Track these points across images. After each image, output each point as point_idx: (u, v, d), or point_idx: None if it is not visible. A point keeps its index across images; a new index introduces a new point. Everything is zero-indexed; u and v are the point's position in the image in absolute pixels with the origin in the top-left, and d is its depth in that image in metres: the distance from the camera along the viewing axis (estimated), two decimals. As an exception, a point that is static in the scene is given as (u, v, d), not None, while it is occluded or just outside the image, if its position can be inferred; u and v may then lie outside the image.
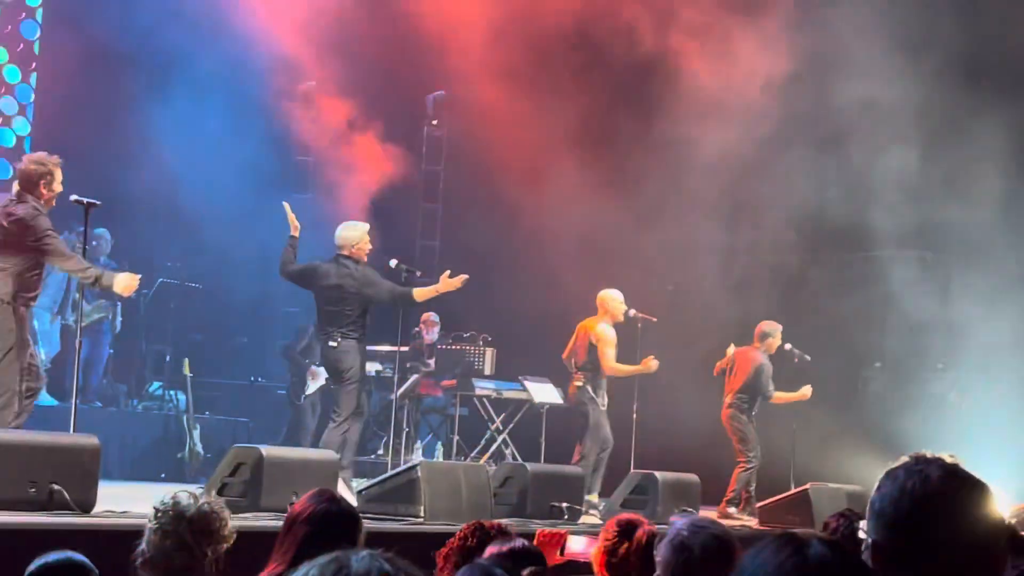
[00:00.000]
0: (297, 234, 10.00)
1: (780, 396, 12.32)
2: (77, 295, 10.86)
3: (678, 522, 3.96)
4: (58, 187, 8.18)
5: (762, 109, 13.15)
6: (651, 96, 13.72)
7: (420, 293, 10.13)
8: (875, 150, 13.20)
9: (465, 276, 10.08)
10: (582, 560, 5.21)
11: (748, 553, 1.95)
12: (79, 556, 3.74)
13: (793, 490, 11.40)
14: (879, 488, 2.22)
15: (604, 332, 11.43)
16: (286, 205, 10.07)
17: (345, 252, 9.98)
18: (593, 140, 14.07)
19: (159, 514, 3.95)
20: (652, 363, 11.58)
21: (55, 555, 3.72)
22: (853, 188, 13.28)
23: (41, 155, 8.35)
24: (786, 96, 13.14)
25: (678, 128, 13.14)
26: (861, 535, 2.17)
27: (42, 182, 8.18)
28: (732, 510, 12.00)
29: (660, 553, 3.84)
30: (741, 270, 13.97)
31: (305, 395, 13.42)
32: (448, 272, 10.16)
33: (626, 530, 4.58)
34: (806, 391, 12.45)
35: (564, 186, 13.71)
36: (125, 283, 8.34)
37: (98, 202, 8.38)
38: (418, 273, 10.44)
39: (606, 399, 11.48)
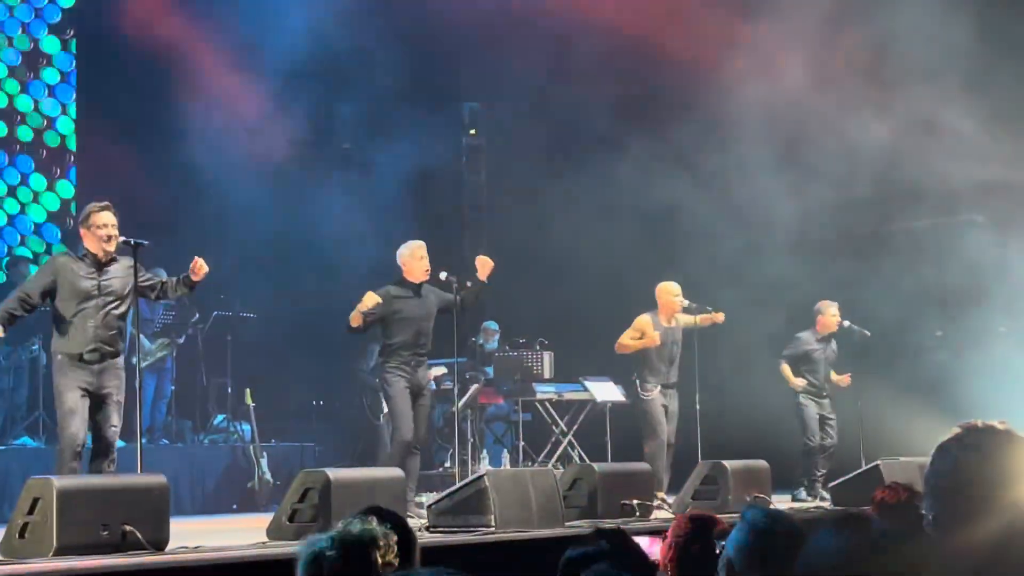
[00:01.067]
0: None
1: (786, 370, 12.50)
2: (134, 332, 10.92)
3: (748, 512, 3.92)
4: (102, 231, 8.25)
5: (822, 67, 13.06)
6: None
7: (467, 298, 10.24)
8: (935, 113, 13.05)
9: (489, 260, 10.21)
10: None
11: (811, 538, 1.95)
12: None
13: (864, 467, 11.32)
14: (932, 463, 2.19)
15: (638, 319, 11.48)
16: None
17: (404, 272, 10.14)
18: (637, 115, 13.98)
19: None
20: (719, 316, 11.62)
21: None
22: (914, 153, 13.12)
23: (87, 205, 8.49)
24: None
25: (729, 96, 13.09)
26: (922, 511, 2.14)
27: (81, 229, 8.34)
28: (800, 492, 12.03)
29: (735, 542, 3.79)
30: (801, 244, 13.83)
31: (382, 413, 13.44)
32: (479, 258, 10.32)
33: (701, 528, 4.54)
34: (844, 379, 12.51)
35: (613, 169, 13.68)
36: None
37: (145, 242, 8.44)
38: (468, 283, 10.46)
39: (655, 390, 11.43)
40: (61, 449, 8.13)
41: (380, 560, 3.61)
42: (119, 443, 10.57)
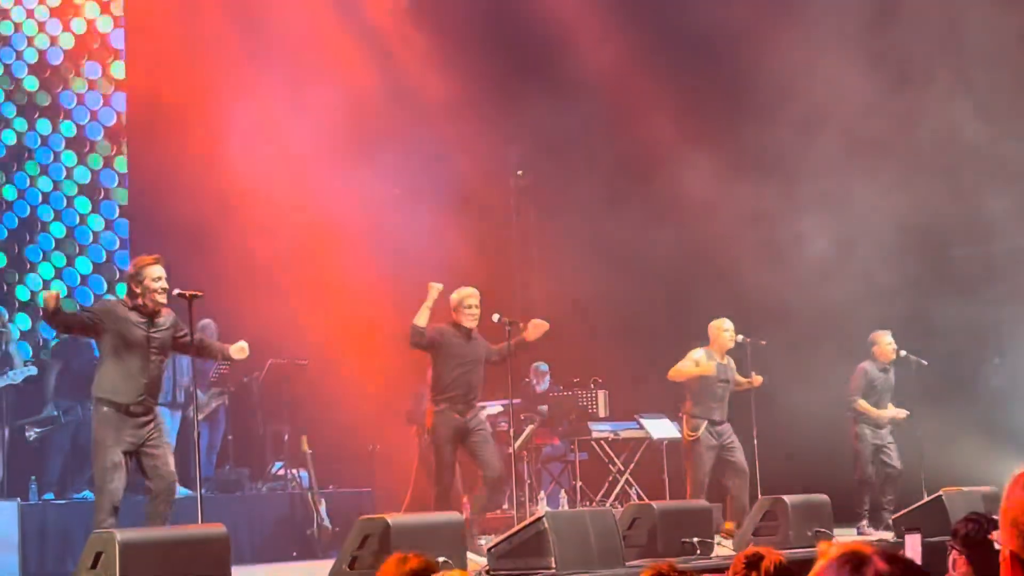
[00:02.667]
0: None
1: (863, 406, 12.31)
2: (193, 387, 11.01)
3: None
4: (151, 283, 8.33)
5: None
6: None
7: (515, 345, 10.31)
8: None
9: (545, 325, 10.23)
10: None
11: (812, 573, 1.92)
12: None
13: (926, 498, 11.19)
14: (1008, 496, 2.15)
15: (691, 352, 11.48)
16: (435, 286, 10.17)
17: (453, 318, 10.22)
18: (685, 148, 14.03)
19: None
20: (756, 380, 11.60)
21: None
22: (966, 177, 13.04)
23: (138, 257, 8.58)
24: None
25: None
26: (996, 546, 2.11)
27: (132, 283, 8.40)
28: (863, 523, 11.93)
29: None
30: (851, 275, 13.75)
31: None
32: (533, 320, 10.33)
33: (752, 562, 4.52)
34: (899, 413, 12.41)
35: (660, 199, 13.71)
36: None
37: (200, 293, 8.51)
38: (520, 324, 10.47)
39: (702, 426, 11.41)
40: (100, 505, 8.15)
41: None
42: (182, 491, 10.69)
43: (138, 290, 8.37)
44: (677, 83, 14.06)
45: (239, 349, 8.68)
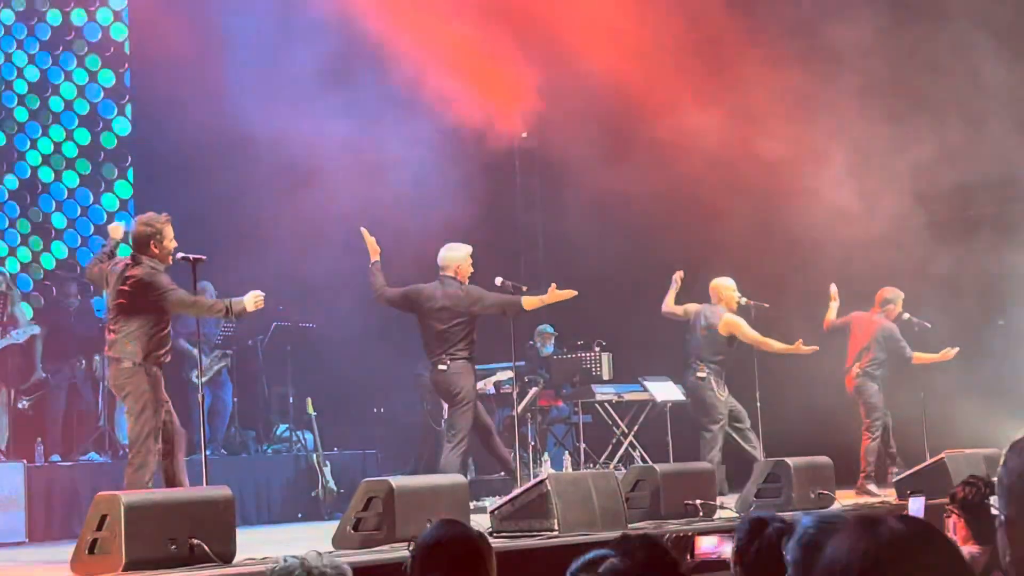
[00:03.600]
0: (378, 258, 10.15)
1: (920, 357, 12.26)
2: (195, 350, 11.06)
3: (806, 519, 3.89)
4: (169, 244, 8.37)
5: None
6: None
7: (528, 302, 10.21)
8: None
9: (573, 292, 10.16)
10: (714, 559, 5.17)
11: (830, 541, 1.93)
12: None
13: (929, 460, 11.22)
14: (1005, 462, 2.16)
15: (732, 320, 11.49)
16: (364, 231, 10.19)
17: (449, 273, 10.13)
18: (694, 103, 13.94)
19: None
20: (804, 347, 11.68)
21: None
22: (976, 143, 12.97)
23: (150, 216, 8.57)
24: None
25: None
26: (993, 511, 2.11)
27: (152, 242, 8.41)
28: (871, 487, 11.90)
29: (789, 553, 3.77)
30: (855, 234, 13.73)
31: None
32: (555, 284, 10.23)
33: (755, 528, 4.54)
34: (949, 352, 12.39)
35: (667, 158, 13.64)
36: (254, 301, 8.50)
37: (204, 257, 8.53)
38: (524, 288, 10.48)
39: (710, 376, 11.49)
40: (146, 464, 8.15)
41: None
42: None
43: (157, 249, 8.38)
44: (691, 25, 13.93)
45: (254, 301, 8.60)
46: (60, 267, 14.01)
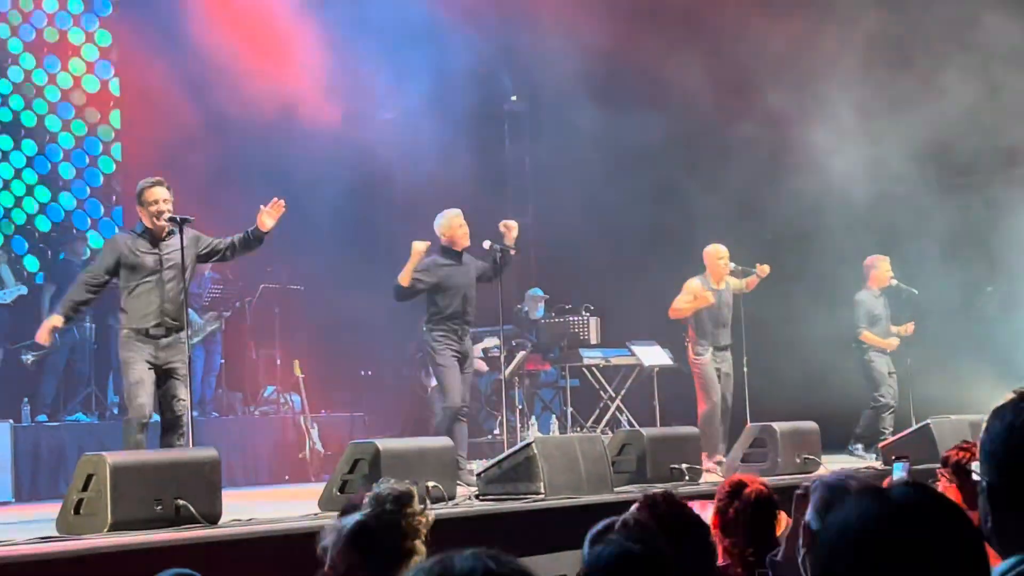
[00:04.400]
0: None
1: (869, 337, 12.29)
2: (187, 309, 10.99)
3: (827, 477, 3.90)
4: (153, 207, 8.30)
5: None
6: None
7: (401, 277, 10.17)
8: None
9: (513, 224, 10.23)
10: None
11: (833, 509, 1.91)
12: (187, 572, 3.77)
13: (914, 426, 11.26)
14: (987, 428, 2.16)
15: (687, 283, 11.48)
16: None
17: (444, 242, 10.16)
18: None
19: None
20: (763, 269, 11.63)
21: (166, 573, 3.75)
22: (968, 109, 12.91)
23: (141, 181, 8.54)
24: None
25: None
26: (975, 476, 2.12)
27: (137, 206, 8.40)
28: (857, 447, 11.98)
29: (811, 510, 3.75)
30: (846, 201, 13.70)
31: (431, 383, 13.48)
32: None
33: (735, 490, 4.56)
34: (907, 328, 12.43)
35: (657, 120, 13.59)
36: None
37: (191, 217, 8.49)
38: (512, 251, 10.46)
39: (707, 353, 11.43)
40: (128, 420, 8.16)
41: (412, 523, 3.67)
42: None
43: (143, 213, 8.35)
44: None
45: (268, 218, 8.51)
46: (69, 218, 14.00)
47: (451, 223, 10.21)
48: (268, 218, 8.49)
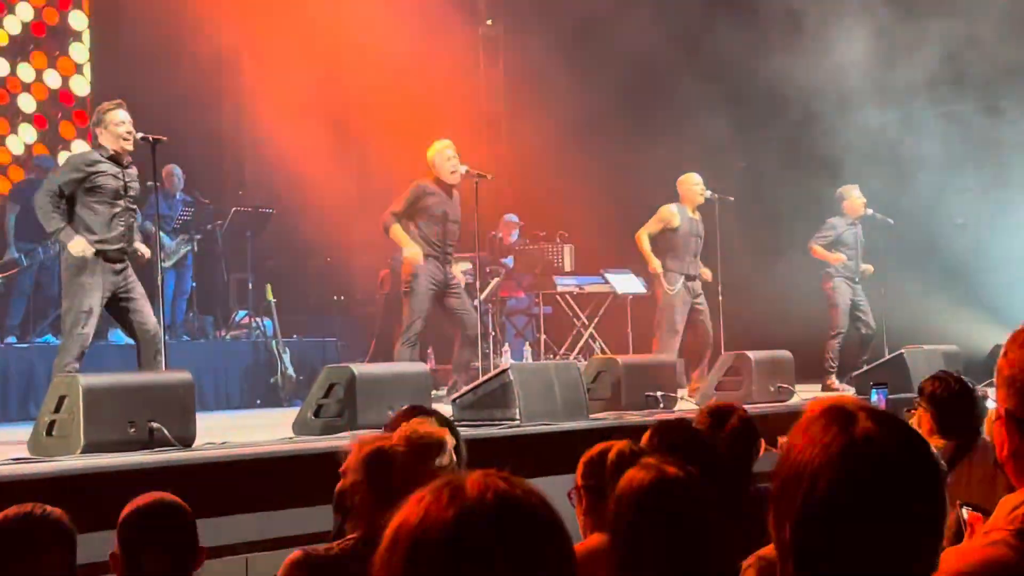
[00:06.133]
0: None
1: (818, 251, 12.25)
2: (153, 229, 10.86)
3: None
4: (116, 129, 8.13)
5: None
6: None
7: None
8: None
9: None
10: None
11: (794, 429, 1.81)
12: (170, 497, 3.69)
13: (887, 355, 11.30)
14: (1006, 353, 2.10)
15: (659, 210, 11.40)
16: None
17: (435, 174, 10.15)
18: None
19: None
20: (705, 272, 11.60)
21: (147, 498, 3.67)
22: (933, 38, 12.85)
23: (100, 105, 8.36)
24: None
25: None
26: (990, 403, 2.07)
27: (97, 129, 8.22)
28: (832, 380, 12.00)
29: None
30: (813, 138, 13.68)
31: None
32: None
33: (719, 417, 4.51)
34: (867, 269, 12.41)
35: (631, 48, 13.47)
36: (81, 248, 8.00)
37: (164, 138, 8.35)
38: (489, 176, 10.38)
39: (679, 282, 11.35)
40: (67, 347, 7.93)
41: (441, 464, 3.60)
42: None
43: (102, 137, 8.18)
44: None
45: (81, 248, 8.00)
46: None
47: (440, 153, 10.14)
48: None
